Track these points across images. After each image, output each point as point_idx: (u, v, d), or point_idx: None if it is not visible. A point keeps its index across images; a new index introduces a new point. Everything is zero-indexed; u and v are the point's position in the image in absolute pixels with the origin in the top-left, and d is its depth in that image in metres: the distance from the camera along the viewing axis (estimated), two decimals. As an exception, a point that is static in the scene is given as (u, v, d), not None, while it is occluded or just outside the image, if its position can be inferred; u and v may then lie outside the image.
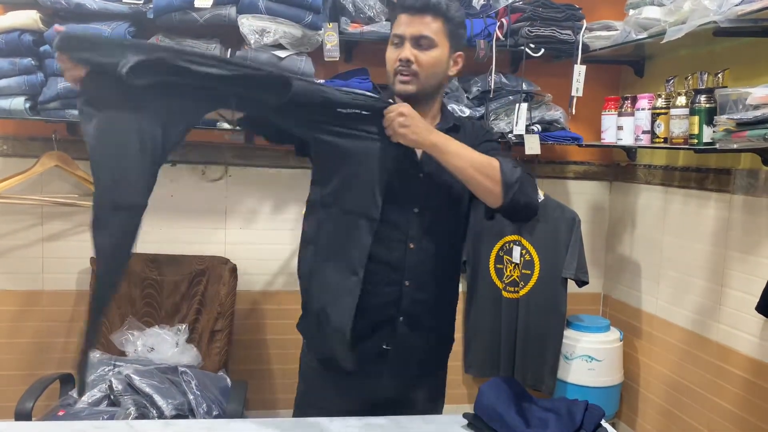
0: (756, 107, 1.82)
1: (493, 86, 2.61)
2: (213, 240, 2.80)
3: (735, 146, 1.92)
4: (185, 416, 2.12)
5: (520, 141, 2.64)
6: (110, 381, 2.18)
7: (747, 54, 2.23)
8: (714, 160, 2.42)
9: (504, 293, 2.89)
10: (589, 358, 2.79)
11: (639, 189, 2.90)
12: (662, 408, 2.71)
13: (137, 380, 2.16)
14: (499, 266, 2.90)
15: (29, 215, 2.66)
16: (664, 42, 2.13)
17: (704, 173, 2.47)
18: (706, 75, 2.15)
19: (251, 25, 2.33)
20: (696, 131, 2.12)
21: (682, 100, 2.21)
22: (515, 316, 2.87)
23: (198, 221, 2.79)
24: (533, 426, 1.40)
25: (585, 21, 2.64)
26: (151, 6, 2.31)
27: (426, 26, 1.51)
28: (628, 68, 2.91)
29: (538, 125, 2.69)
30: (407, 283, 1.57)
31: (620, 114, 2.56)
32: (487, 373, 2.92)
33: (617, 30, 2.53)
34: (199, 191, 2.78)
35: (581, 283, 2.80)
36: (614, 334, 2.87)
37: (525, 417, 1.42)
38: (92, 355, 2.37)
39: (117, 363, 2.33)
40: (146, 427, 1.48)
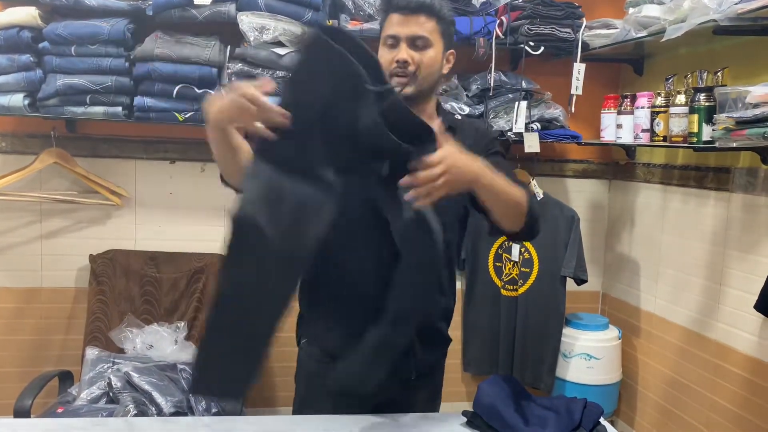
0: (755, 106, 1.82)
1: (493, 84, 2.61)
2: (212, 237, 2.79)
3: (734, 145, 1.92)
4: (184, 413, 2.13)
5: (520, 139, 2.64)
6: (109, 378, 2.18)
7: (746, 52, 2.22)
8: (713, 159, 2.42)
9: (503, 291, 2.90)
10: (588, 356, 2.79)
11: (638, 187, 2.90)
12: (661, 406, 2.72)
13: (136, 377, 2.16)
14: (498, 264, 2.90)
15: (28, 212, 2.66)
16: (664, 40, 2.13)
17: (703, 172, 2.47)
18: (706, 73, 2.15)
19: (251, 23, 2.32)
20: (695, 130, 2.12)
21: (682, 99, 2.21)
22: (514, 315, 2.87)
23: (197, 218, 2.79)
24: (532, 424, 1.40)
25: (585, 19, 2.64)
26: (151, 3, 2.31)
27: (421, 26, 1.50)
28: (628, 66, 2.91)
29: (538, 123, 2.69)
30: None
31: (619, 112, 2.56)
32: (486, 371, 2.92)
33: (617, 28, 2.53)
34: (199, 189, 2.78)
35: (580, 282, 2.80)
36: (613, 333, 2.88)
37: (524, 415, 1.42)
38: (91, 352, 2.37)
39: (116, 360, 2.33)
40: (145, 425, 1.48)
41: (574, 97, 2.65)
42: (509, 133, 2.64)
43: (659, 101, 2.34)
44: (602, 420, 1.48)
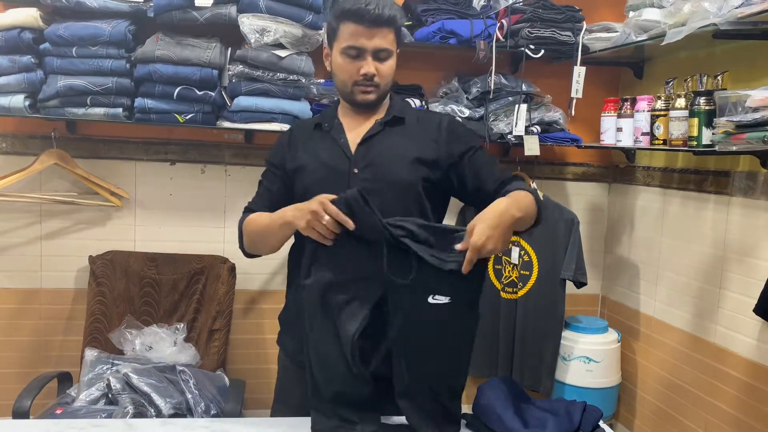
0: (755, 110, 1.82)
1: (493, 87, 2.62)
2: (212, 239, 2.79)
3: (734, 148, 1.92)
4: (183, 415, 2.12)
5: (520, 142, 2.64)
6: (108, 379, 2.18)
7: (746, 56, 2.23)
8: (713, 163, 2.43)
9: (502, 294, 2.90)
10: (587, 359, 2.79)
11: (638, 191, 2.90)
12: (659, 409, 2.72)
13: (135, 379, 2.16)
14: (498, 267, 2.90)
15: (28, 213, 2.66)
16: (664, 44, 2.13)
17: (703, 175, 2.48)
18: (706, 77, 2.15)
19: (251, 24, 2.33)
20: (695, 133, 2.12)
21: (682, 102, 2.21)
22: (513, 317, 2.87)
23: (197, 220, 2.79)
24: (531, 426, 1.40)
25: (585, 22, 2.64)
26: (152, 4, 2.31)
27: (384, 38, 1.55)
28: (628, 70, 2.92)
29: (538, 126, 2.70)
30: None
31: (619, 116, 2.57)
32: (485, 374, 2.92)
33: (617, 32, 2.53)
34: (199, 190, 2.78)
35: (579, 285, 2.80)
36: (612, 336, 2.88)
37: (523, 417, 1.42)
38: (90, 354, 2.37)
39: (115, 362, 2.33)
40: (144, 426, 1.48)
41: (574, 100, 2.66)
42: (509, 136, 2.64)
43: (659, 105, 2.34)
44: (601, 423, 1.48)
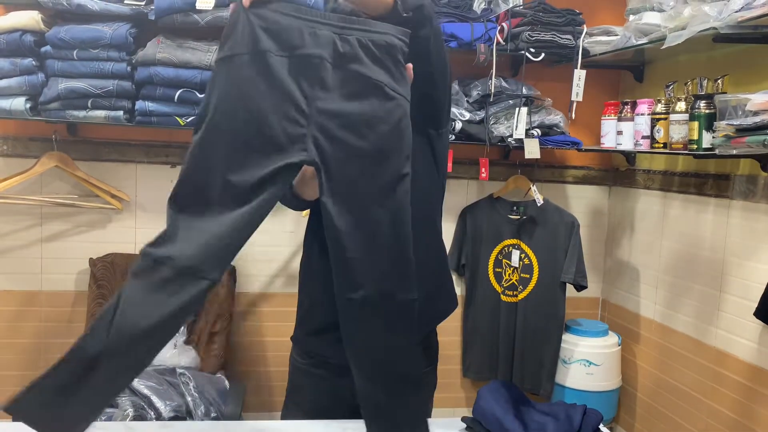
0: (755, 113, 1.83)
1: (493, 90, 2.62)
2: (212, 241, 2.79)
3: (734, 152, 1.92)
4: (183, 418, 2.12)
5: (520, 145, 2.64)
6: (108, 382, 2.18)
7: (746, 60, 2.23)
8: (713, 166, 2.43)
9: (503, 297, 2.90)
10: (588, 363, 2.79)
11: (638, 194, 2.90)
12: (660, 413, 2.71)
13: (135, 381, 2.15)
14: (498, 270, 2.90)
15: (29, 215, 2.66)
16: (664, 47, 2.14)
17: (703, 179, 2.48)
18: (706, 81, 2.16)
19: (252, 28, 2.33)
20: (695, 137, 2.12)
21: (682, 106, 2.21)
22: (514, 320, 2.87)
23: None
24: (531, 430, 1.40)
25: (585, 26, 2.65)
26: (153, 7, 2.31)
27: None
28: (628, 73, 2.92)
29: (538, 129, 2.70)
30: None
31: (620, 119, 2.57)
32: (486, 377, 2.92)
33: (617, 35, 2.54)
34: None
35: (580, 288, 2.80)
36: (612, 339, 2.88)
37: (523, 421, 1.42)
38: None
39: (115, 364, 2.33)
40: (144, 429, 1.48)
41: (575, 104, 2.66)
42: (510, 139, 2.65)
43: (659, 108, 2.34)
44: (601, 426, 1.48)
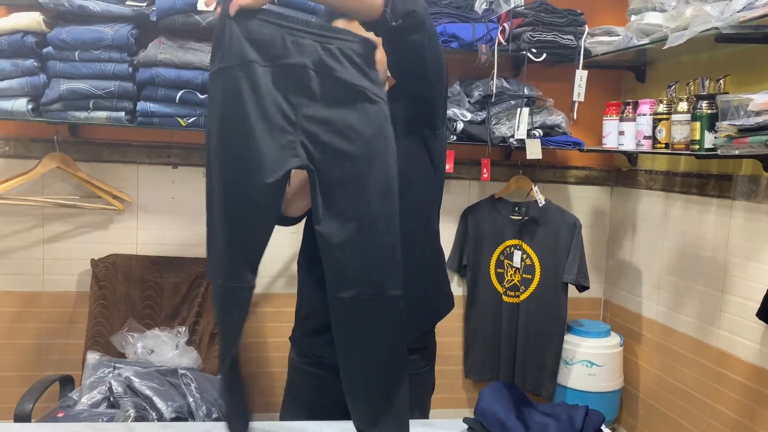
0: (757, 113, 1.82)
1: (495, 91, 2.62)
2: (214, 242, 2.79)
3: (736, 152, 1.92)
4: (185, 419, 2.12)
5: (522, 145, 2.64)
6: (110, 383, 2.18)
7: (749, 60, 2.23)
8: (715, 166, 2.42)
9: (504, 298, 2.89)
10: (590, 363, 2.78)
11: (640, 194, 2.90)
12: (662, 413, 2.71)
13: (137, 382, 2.16)
14: (500, 270, 2.90)
15: (30, 216, 2.66)
16: (666, 48, 2.13)
17: (705, 179, 2.48)
18: (708, 81, 2.15)
19: (254, 28, 2.33)
20: (697, 137, 2.12)
21: (684, 106, 2.21)
22: (515, 321, 2.87)
23: (199, 224, 2.77)
24: (533, 430, 1.39)
25: (587, 26, 2.64)
26: (154, 8, 2.31)
27: None
28: (630, 73, 2.92)
29: (540, 130, 2.70)
30: None
31: (622, 119, 2.56)
32: (487, 378, 2.92)
33: (619, 35, 2.54)
34: (200, 193, 2.76)
35: (582, 288, 2.80)
36: (615, 340, 2.87)
37: (525, 422, 1.42)
38: (92, 357, 2.37)
39: (117, 365, 2.33)
40: (145, 430, 1.48)
41: (576, 104, 2.66)
42: (511, 140, 2.64)
43: (661, 108, 2.34)
44: (604, 427, 1.48)
